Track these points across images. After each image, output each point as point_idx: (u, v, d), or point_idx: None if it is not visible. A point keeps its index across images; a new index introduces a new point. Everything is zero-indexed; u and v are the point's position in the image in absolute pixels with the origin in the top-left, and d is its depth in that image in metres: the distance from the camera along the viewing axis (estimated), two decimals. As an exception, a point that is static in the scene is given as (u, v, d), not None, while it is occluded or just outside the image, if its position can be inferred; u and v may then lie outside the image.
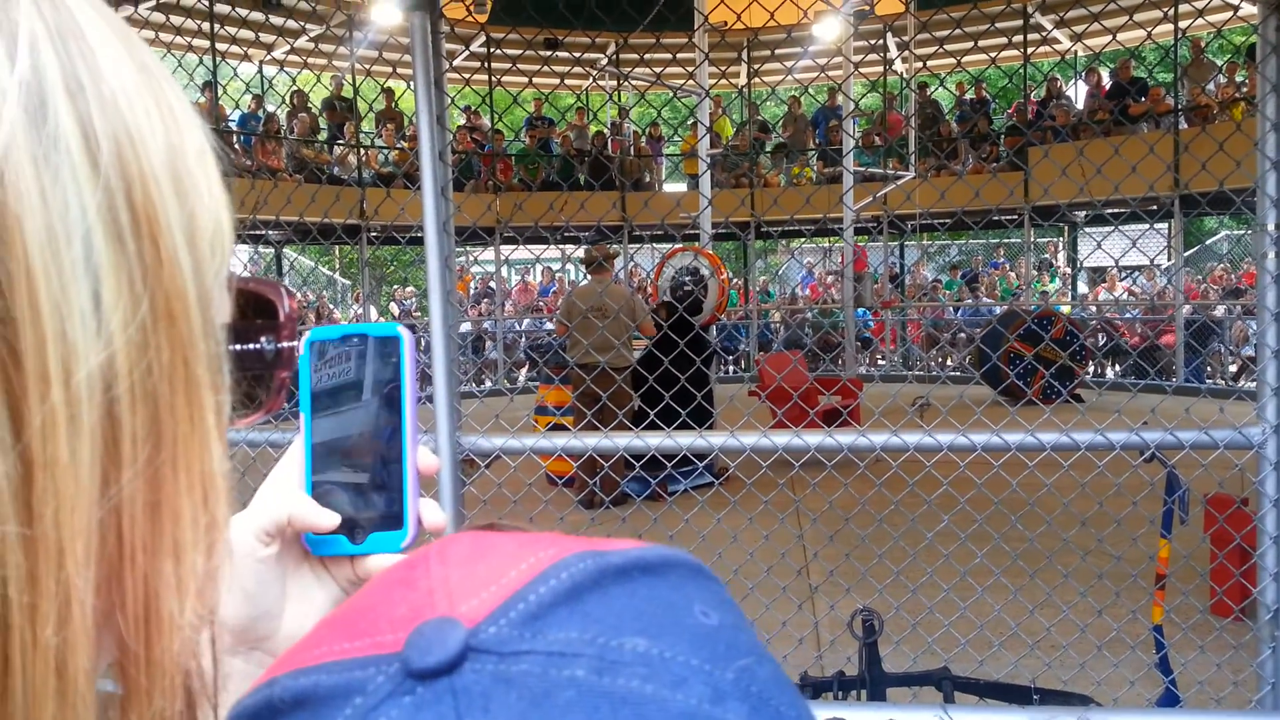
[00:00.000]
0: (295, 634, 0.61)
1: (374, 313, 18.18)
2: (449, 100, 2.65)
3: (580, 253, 7.84)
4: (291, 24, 13.69)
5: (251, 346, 0.53)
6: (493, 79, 15.73)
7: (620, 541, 0.35)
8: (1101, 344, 15.27)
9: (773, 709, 0.31)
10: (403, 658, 0.30)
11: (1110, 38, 3.45)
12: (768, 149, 18.35)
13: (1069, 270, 19.17)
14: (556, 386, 8.62)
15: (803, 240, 20.22)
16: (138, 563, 0.33)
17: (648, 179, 18.43)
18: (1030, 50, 16.65)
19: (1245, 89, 13.82)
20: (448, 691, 0.29)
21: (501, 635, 0.30)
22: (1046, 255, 19.99)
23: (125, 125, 0.32)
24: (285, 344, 0.55)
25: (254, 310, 0.53)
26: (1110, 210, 12.61)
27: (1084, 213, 14.87)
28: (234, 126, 14.79)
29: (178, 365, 0.33)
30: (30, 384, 0.28)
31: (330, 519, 0.62)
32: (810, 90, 18.73)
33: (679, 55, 15.30)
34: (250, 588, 0.60)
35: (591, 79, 17.61)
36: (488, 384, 16.14)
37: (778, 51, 16.01)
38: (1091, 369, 14.50)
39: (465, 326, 16.23)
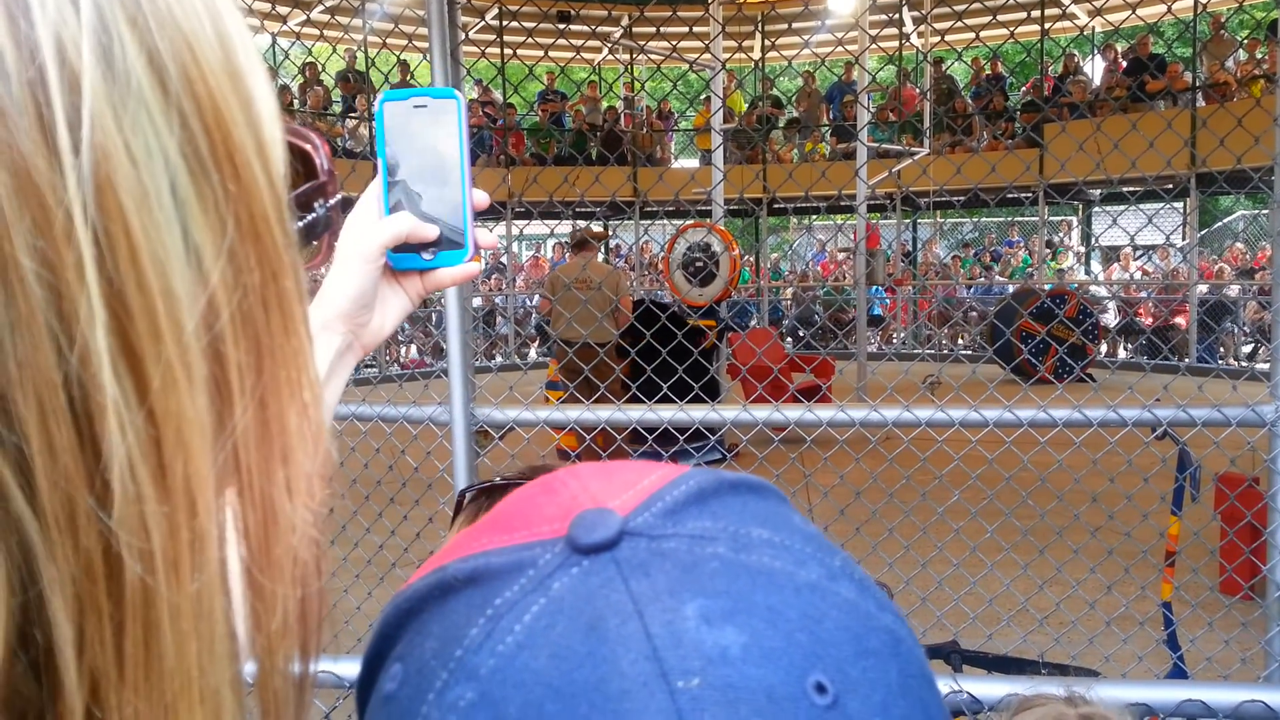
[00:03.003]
0: (378, 328, 0.84)
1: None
2: (464, 71, 2.65)
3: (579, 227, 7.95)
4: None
5: (305, 218, 0.54)
6: (505, 51, 15.66)
7: None
8: (1113, 322, 15.19)
9: (873, 592, 0.36)
10: (568, 538, 0.35)
11: (1129, 13, 3.43)
12: (781, 124, 18.23)
13: (1083, 249, 19.03)
14: (568, 360, 8.65)
15: (815, 217, 20.13)
16: (255, 481, 0.34)
17: (659, 154, 18.34)
18: (1048, 25, 16.47)
19: (1265, 65, 13.65)
20: (610, 562, 0.34)
21: (649, 522, 0.36)
22: (1060, 234, 19.84)
23: (184, 36, 0.31)
24: (332, 200, 0.55)
25: (292, 167, 0.50)
26: (1126, 188, 12.50)
27: (1099, 190, 14.75)
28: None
29: (268, 282, 0.33)
30: (145, 344, 0.28)
31: (432, 229, 0.82)
32: (826, 64, 18.60)
33: (694, 28, 15.18)
34: (363, 286, 0.80)
35: (606, 51, 17.50)
36: (498, 359, 16.15)
37: (794, 25, 15.88)
38: (1104, 348, 14.43)
39: (477, 301, 16.23)
